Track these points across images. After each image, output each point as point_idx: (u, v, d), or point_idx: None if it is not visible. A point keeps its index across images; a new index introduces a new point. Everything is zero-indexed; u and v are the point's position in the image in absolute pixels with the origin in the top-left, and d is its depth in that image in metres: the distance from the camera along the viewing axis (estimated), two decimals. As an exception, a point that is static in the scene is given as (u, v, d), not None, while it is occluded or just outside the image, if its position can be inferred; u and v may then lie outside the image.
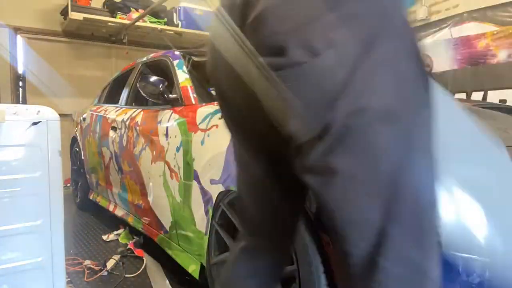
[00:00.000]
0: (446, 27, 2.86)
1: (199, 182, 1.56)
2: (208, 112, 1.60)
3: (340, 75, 0.51)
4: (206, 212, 1.54)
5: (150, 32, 5.23)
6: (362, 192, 0.54)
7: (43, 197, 1.50)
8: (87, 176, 3.31)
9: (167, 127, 1.87)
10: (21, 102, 4.91)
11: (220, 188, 1.45)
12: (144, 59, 2.72)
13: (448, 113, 0.78)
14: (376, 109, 0.52)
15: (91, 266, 2.09)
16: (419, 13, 3.02)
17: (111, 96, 3.28)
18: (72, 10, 4.46)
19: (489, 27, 2.62)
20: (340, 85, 0.51)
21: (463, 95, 2.79)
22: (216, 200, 1.47)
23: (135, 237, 2.47)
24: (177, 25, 5.18)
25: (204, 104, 1.80)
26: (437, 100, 0.57)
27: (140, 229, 2.31)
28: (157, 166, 1.92)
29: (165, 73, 2.19)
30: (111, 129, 2.63)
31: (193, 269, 1.67)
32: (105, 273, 2.02)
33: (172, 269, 2.04)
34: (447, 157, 0.66)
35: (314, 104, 0.53)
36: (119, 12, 4.83)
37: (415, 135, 0.54)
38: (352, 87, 0.51)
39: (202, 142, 1.55)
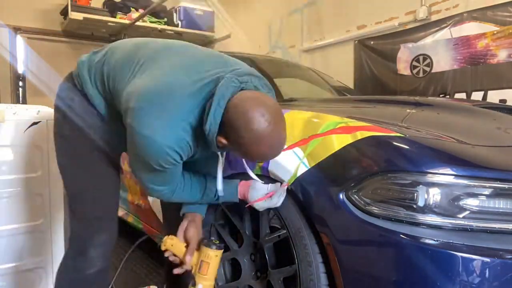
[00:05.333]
0: (446, 27, 2.85)
1: (199, 182, 1.56)
2: (208, 112, 1.59)
3: None
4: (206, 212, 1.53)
5: (150, 32, 5.22)
6: None
7: (43, 197, 1.50)
8: (87, 176, 3.29)
9: (167, 127, 1.86)
10: (21, 102, 4.90)
11: (220, 188, 1.43)
12: (144, 59, 2.71)
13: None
14: None
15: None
16: (419, 13, 3.01)
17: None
18: (72, 10, 4.45)
19: (489, 27, 2.62)
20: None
21: (463, 95, 2.78)
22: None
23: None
24: (177, 25, 5.17)
25: (204, 104, 1.80)
26: None
27: (140, 229, 2.30)
28: (157, 166, 1.91)
29: (165, 73, 2.18)
30: (111, 129, 2.61)
31: (193, 269, 1.66)
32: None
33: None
34: None
35: None
36: (119, 12, 4.81)
37: None
38: None
39: (202, 142, 1.55)
